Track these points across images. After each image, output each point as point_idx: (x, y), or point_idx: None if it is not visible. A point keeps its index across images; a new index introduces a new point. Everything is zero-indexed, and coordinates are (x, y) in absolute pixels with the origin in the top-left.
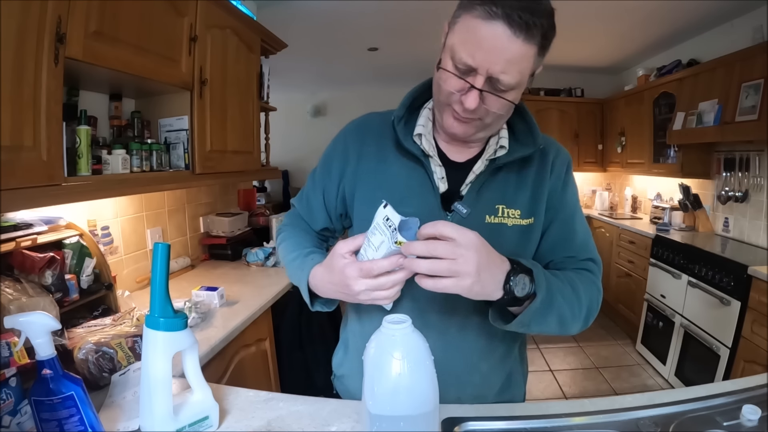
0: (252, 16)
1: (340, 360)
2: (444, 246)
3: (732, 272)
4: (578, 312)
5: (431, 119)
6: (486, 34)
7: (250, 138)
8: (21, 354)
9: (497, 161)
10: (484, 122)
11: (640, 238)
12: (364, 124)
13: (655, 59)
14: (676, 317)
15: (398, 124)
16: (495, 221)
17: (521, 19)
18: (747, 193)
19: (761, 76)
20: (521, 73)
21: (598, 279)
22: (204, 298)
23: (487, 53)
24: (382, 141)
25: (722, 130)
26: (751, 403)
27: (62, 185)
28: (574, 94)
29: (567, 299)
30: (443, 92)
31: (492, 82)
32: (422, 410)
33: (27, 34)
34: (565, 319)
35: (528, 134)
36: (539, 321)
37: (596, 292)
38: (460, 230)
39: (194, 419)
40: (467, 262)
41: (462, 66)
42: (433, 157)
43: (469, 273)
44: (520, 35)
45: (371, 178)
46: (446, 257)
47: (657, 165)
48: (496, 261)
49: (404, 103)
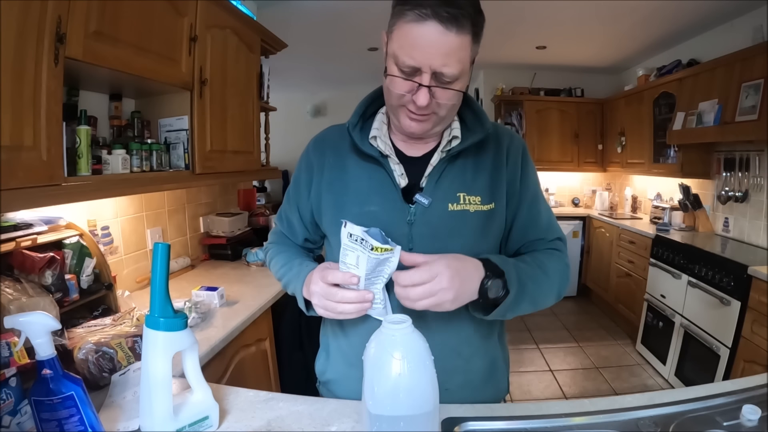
0: (252, 16)
1: (323, 365)
2: (425, 288)
3: (732, 272)
4: (548, 290)
5: (385, 123)
6: (421, 34)
7: (250, 138)
8: (21, 354)
9: (452, 150)
10: (439, 115)
11: (640, 238)
12: (323, 138)
13: (655, 59)
14: (676, 317)
15: (353, 131)
16: (458, 208)
17: (449, 13)
18: (747, 193)
19: (761, 76)
20: (461, 63)
21: (565, 255)
22: (204, 298)
23: (425, 51)
24: (340, 150)
25: (722, 130)
26: (751, 403)
27: (62, 185)
28: (574, 94)
29: (538, 283)
30: (394, 96)
31: (437, 77)
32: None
33: (27, 34)
34: (537, 300)
35: (477, 121)
36: (514, 310)
37: (565, 267)
38: (431, 270)
39: (194, 419)
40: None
41: (407, 68)
42: (390, 156)
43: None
44: (452, 29)
45: (335, 185)
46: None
47: (657, 165)
48: (469, 270)
49: (357, 111)
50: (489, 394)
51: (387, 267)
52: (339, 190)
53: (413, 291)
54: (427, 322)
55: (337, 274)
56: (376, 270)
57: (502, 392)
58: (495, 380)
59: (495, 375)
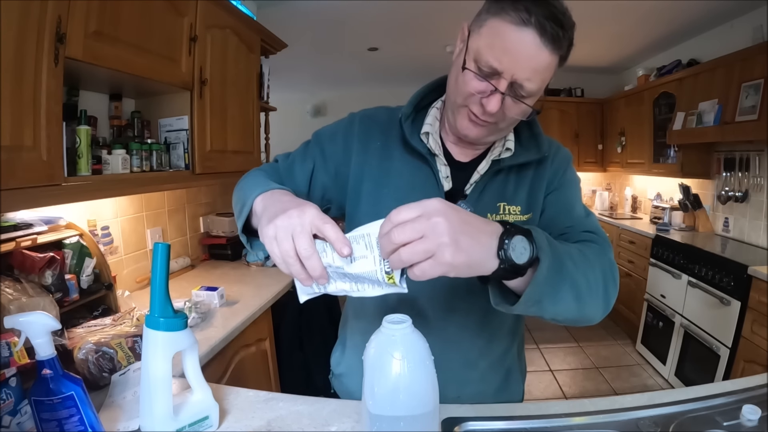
0: (252, 16)
1: (338, 358)
2: (408, 227)
3: (732, 272)
4: (594, 282)
5: (438, 119)
6: (516, 39)
7: (250, 138)
8: (21, 354)
9: (501, 163)
10: (498, 126)
11: (640, 238)
12: (374, 117)
13: (655, 59)
14: (676, 317)
15: (405, 122)
16: (497, 219)
17: (552, 29)
18: (747, 193)
19: (761, 76)
20: (543, 82)
21: (607, 251)
22: (204, 298)
23: (514, 59)
24: (388, 137)
25: (722, 130)
26: (751, 403)
27: (62, 185)
28: (574, 94)
29: (578, 265)
30: (463, 93)
31: (514, 88)
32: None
33: (27, 34)
34: (582, 292)
35: (533, 140)
36: (552, 294)
37: (609, 264)
38: (419, 203)
39: (194, 419)
40: (436, 232)
41: (487, 69)
42: (439, 156)
43: (444, 243)
44: (548, 45)
45: (376, 174)
46: (414, 238)
47: (657, 165)
48: (477, 224)
49: (412, 102)
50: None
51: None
52: (380, 181)
53: (396, 231)
54: (446, 330)
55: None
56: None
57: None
58: (508, 392)
59: (509, 387)
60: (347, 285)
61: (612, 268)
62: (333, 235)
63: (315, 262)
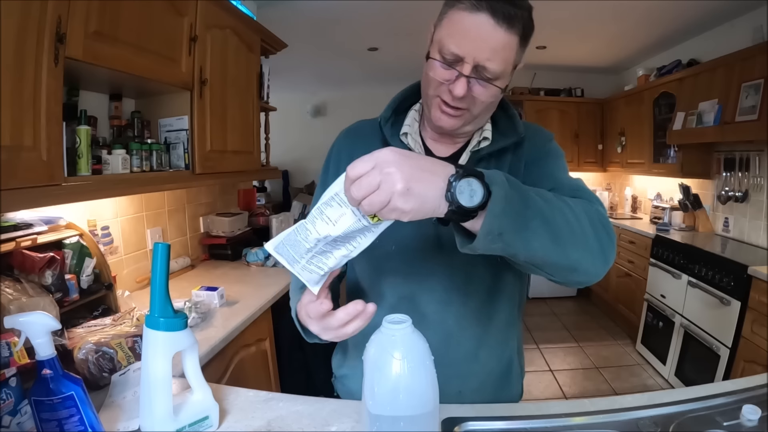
0: (252, 16)
1: (340, 361)
2: (364, 182)
3: (732, 272)
4: (578, 227)
5: (417, 120)
6: (471, 24)
7: (250, 138)
8: (21, 354)
9: (480, 152)
10: (472, 113)
11: (640, 238)
12: (354, 130)
13: (655, 59)
14: (676, 317)
15: (385, 125)
16: None
17: (503, 10)
18: (747, 193)
19: (761, 76)
20: (505, 62)
21: (595, 203)
22: (204, 298)
23: (472, 42)
24: (371, 144)
25: (722, 130)
26: (751, 403)
27: (62, 185)
28: (574, 94)
29: (552, 204)
30: (432, 83)
31: (478, 70)
32: (422, 410)
33: (27, 34)
34: (561, 233)
35: (510, 125)
36: (515, 228)
37: (597, 214)
38: (371, 155)
39: (194, 419)
40: (388, 182)
41: (450, 56)
42: (420, 153)
43: (397, 191)
44: (503, 25)
45: None
46: (371, 191)
47: (657, 165)
48: (430, 167)
49: (391, 105)
50: (503, 397)
51: (360, 239)
52: None
53: (354, 188)
54: (445, 323)
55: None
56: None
57: (516, 395)
58: (510, 386)
59: (510, 380)
60: (343, 249)
61: (601, 218)
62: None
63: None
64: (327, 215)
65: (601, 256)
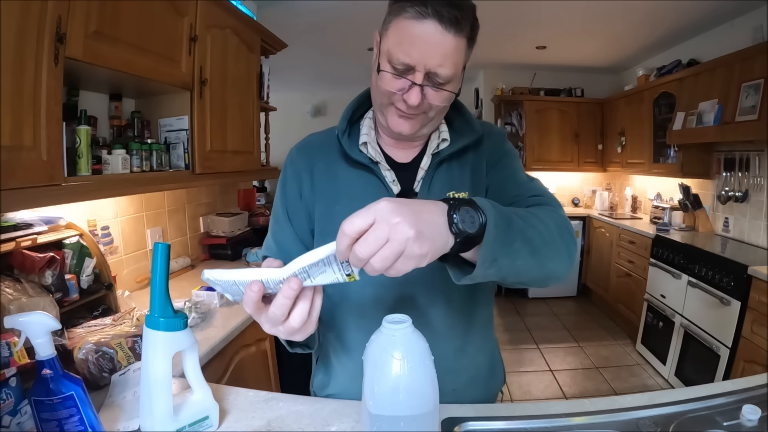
0: (252, 16)
1: (322, 381)
2: (371, 238)
3: (732, 272)
4: (548, 236)
5: (373, 127)
6: (419, 32)
7: (250, 138)
8: (21, 354)
9: (441, 154)
10: (428, 116)
11: (640, 238)
12: (307, 144)
13: (655, 59)
14: (676, 317)
15: (342, 137)
16: None
17: (450, 14)
18: (747, 193)
19: (761, 76)
20: (456, 65)
21: (557, 208)
22: (204, 298)
23: (422, 50)
24: (328, 156)
25: (722, 130)
26: (751, 403)
27: (62, 185)
28: (574, 94)
29: (527, 220)
30: (385, 93)
31: (430, 77)
32: (422, 410)
33: (27, 34)
34: (537, 246)
35: (465, 125)
36: (506, 252)
37: (560, 218)
38: (368, 210)
39: (194, 419)
40: (399, 231)
41: (400, 66)
42: (381, 162)
43: (410, 238)
44: (450, 30)
45: (326, 193)
46: (379, 244)
47: (657, 165)
48: (426, 208)
49: (345, 117)
50: (492, 387)
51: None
52: (329, 198)
53: (360, 247)
54: (431, 324)
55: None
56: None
57: (501, 383)
58: (496, 373)
59: (495, 367)
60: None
61: (565, 223)
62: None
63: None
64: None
65: (569, 260)
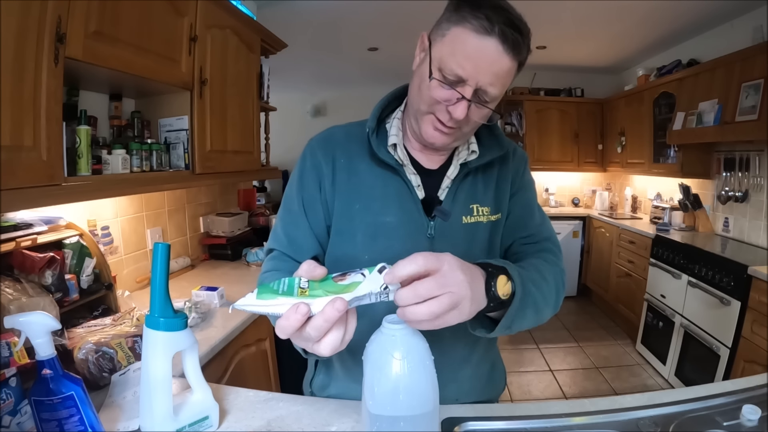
0: (252, 16)
1: (323, 382)
2: (432, 282)
3: (732, 272)
4: (549, 297)
5: (401, 128)
6: (479, 47)
7: (250, 138)
8: (21, 354)
9: (468, 165)
10: (463, 131)
11: (640, 238)
12: (329, 136)
13: (655, 59)
14: (676, 317)
15: (372, 136)
16: (471, 221)
17: (513, 37)
18: (747, 193)
19: (761, 76)
20: (504, 86)
21: (559, 259)
22: (204, 298)
23: (478, 65)
24: (351, 153)
25: (722, 130)
26: (751, 403)
27: (62, 185)
28: (574, 94)
29: (539, 287)
30: (428, 101)
31: (478, 93)
32: (422, 410)
33: (27, 34)
34: (540, 308)
35: (493, 138)
36: (520, 318)
37: (560, 273)
38: (438, 257)
39: (194, 419)
40: (460, 286)
41: (452, 77)
42: (407, 165)
43: (466, 296)
44: (509, 52)
45: (346, 190)
46: (440, 293)
47: (657, 165)
48: (474, 271)
49: (374, 115)
50: (493, 394)
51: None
52: (349, 196)
53: (422, 286)
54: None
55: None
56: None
57: (501, 390)
58: (497, 381)
59: (496, 376)
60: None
61: (562, 276)
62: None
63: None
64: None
65: (556, 309)
